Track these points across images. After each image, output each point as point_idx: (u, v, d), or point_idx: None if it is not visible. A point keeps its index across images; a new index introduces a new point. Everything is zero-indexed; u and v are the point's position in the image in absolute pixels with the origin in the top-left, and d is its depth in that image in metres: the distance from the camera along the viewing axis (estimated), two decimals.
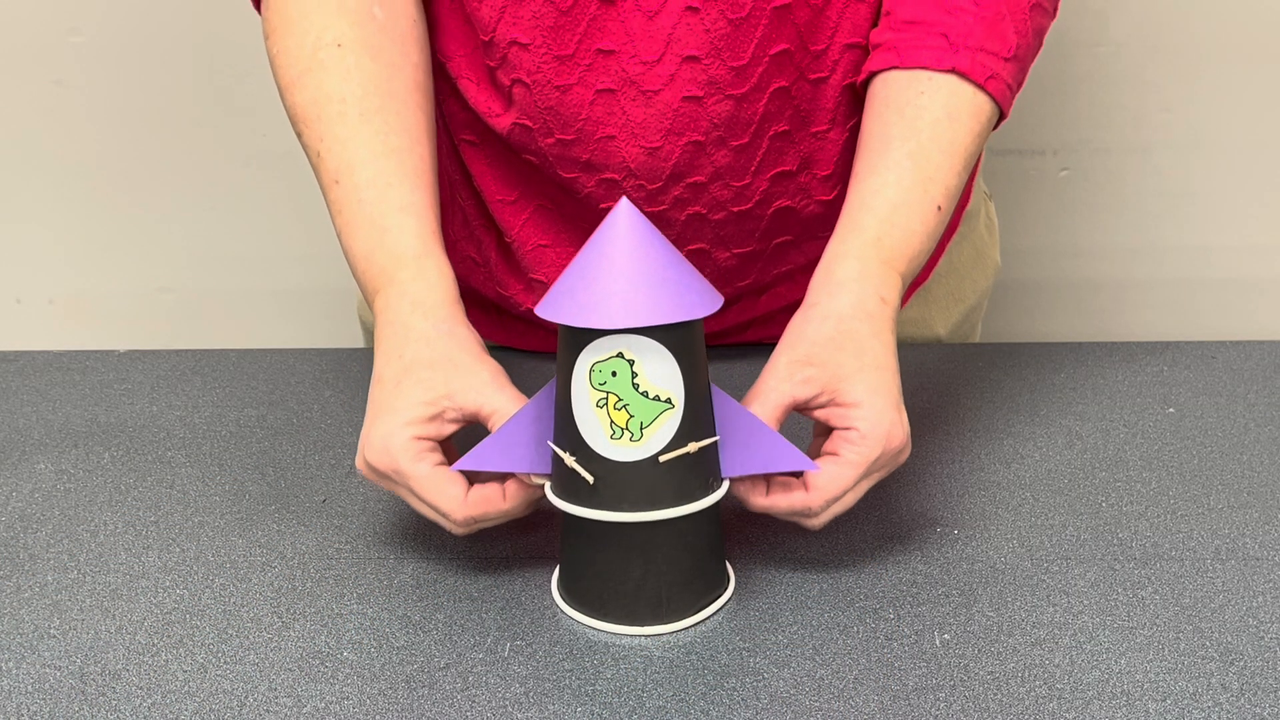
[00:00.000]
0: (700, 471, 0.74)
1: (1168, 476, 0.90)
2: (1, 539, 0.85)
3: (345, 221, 0.84)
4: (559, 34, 0.90)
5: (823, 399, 0.77)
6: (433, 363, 0.77)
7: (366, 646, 0.74)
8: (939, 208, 0.84)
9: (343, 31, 0.86)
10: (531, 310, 1.06)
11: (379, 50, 0.86)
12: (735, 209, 0.97)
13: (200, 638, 0.75)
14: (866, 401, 0.76)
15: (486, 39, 0.91)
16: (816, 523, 0.78)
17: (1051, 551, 0.82)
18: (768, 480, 0.77)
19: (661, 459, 0.72)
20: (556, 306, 0.72)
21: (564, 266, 1.02)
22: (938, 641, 0.74)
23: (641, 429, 0.71)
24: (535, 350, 1.10)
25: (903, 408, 0.78)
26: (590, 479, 0.72)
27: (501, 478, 0.77)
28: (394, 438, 0.76)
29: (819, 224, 1.00)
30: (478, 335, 0.81)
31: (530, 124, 0.94)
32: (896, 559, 0.81)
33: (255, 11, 0.93)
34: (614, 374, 0.71)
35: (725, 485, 0.75)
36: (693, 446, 0.72)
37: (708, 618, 0.76)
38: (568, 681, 0.71)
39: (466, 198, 1.05)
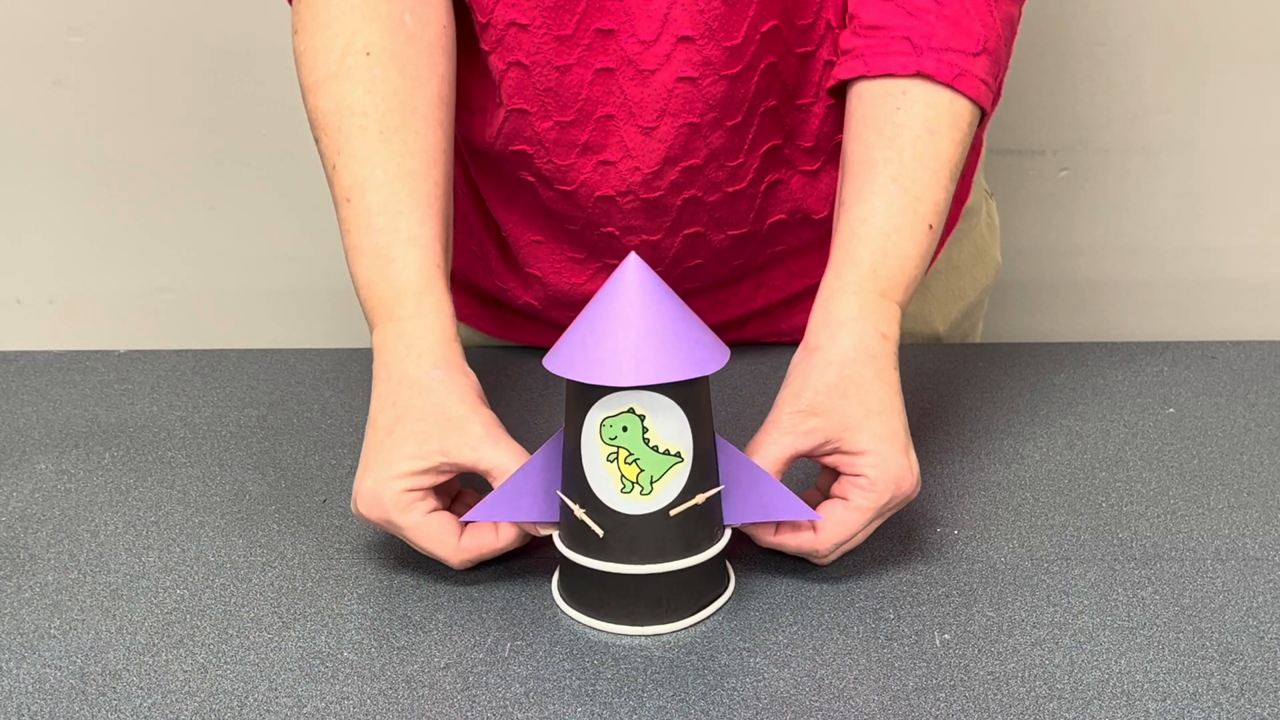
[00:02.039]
0: (707, 522, 0.74)
1: (1168, 476, 0.90)
2: (2, 539, 0.85)
3: (353, 244, 0.84)
4: (559, 14, 0.90)
5: (828, 448, 0.77)
6: (424, 414, 0.78)
7: (366, 646, 0.74)
8: (930, 226, 0.84)
9: (372, 39, 0.86)
10: (531, 304, 1.06)
11: (406, 62, 0.86)
12: (730, 189, 0.97)
13: (200, 638, 0.75)
14: (874, 449, 0.76)
15: (484, 21, 0.91)
16: (824, 561, 0.79)
17: (1051, 551, 0.82)
18: (777, 523, 0.78)
19: (672, 512, 0.72)
20: (567, 361, 0.72)
21: (558, 263, 1.03)
22: (938, 641, 0.74)
23: (651, 483, 0.72)
24: (534, 345, 1.10)
25: (911, 450, 0.78)
26: (600, 532, 0.72)
27: None
28: (384, 491, 0.76)
29: (808, 201, 1.00)
30: (474, 379, 0.81)
31: (527, 107, 0.94)
32: (896, 559, 0.81)
33: (286, 2, 0.93)
34: (624, 429, 0.71)
35: (729, 532, 0.76)
36: (700, 498, 0.73)
37: (708, 618, 0.76)
38: (568, 681, 0.71)
39: (465, 192, 1.05)
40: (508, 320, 1.10)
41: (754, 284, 1.06)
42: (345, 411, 1.00)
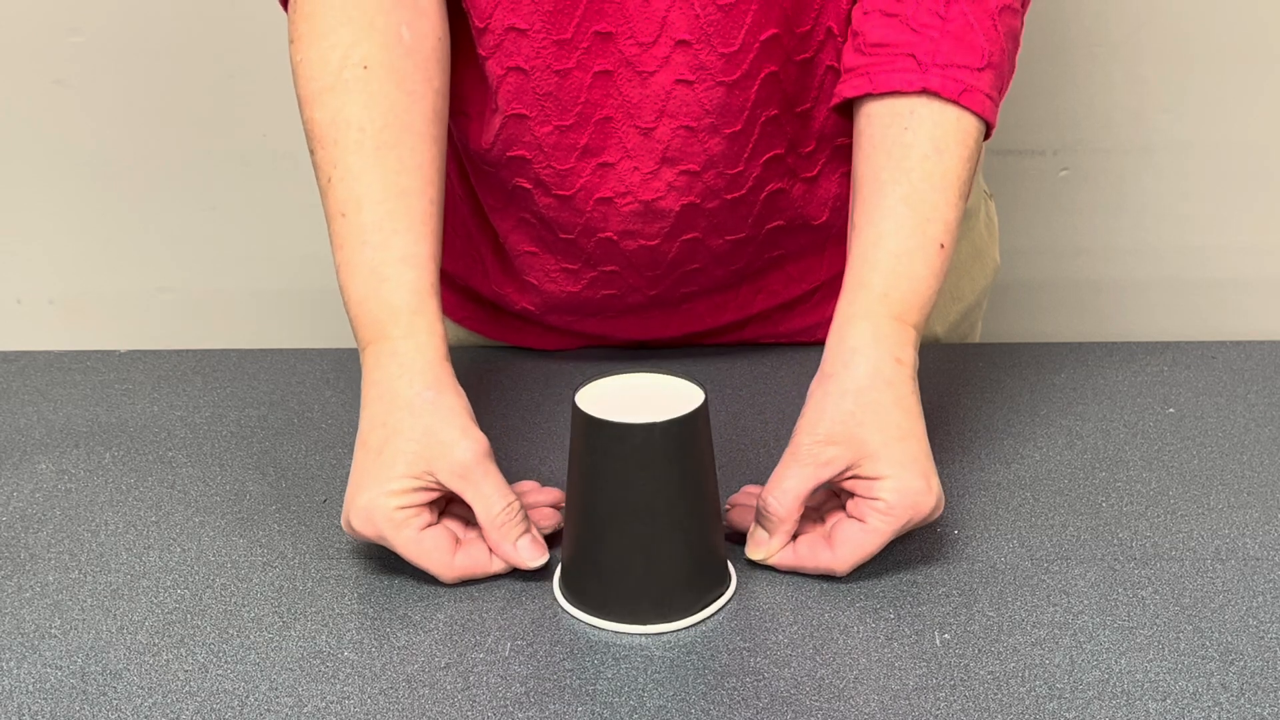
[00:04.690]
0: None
1: (1168, 476, 0.90)
2: (2, 539, 0.85)
3: (345, 259, 0.84)
4: (558, 18, 0.90)
5: (848, 474, 0.78)
6: (414, 435, 0.78)
7: (366, 646, 0.74)
8: (941, 246, 0.83)
9: (370, 52, 0.86)
10: (528, 309, 1.06)
11: (403, 76, 0.86)
12: (729, 196, 0.97)
13: (201, 638, 0.75)
14: (892, 475, 0.76)
15: (482, 26, 0.91)
16: (841, 575, 0.79)
17: (1051, 551, 0.82)
18: (794, 544, 0.79)
19: None
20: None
21: (552, 273, 1.03)
22: (938, 641, 0.74)
23: None
24: (533, 347, 1.10)
25: (933, 474, 0.78)
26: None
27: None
28: (377, 509, 0.77)
29: (808, 208, 1.00)
30: (464, 399, 0.81)
31: (526, 112, 0.94)
32: (896, 559, 0.81)
33: (281, 9, 0.93)
34: None
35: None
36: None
37: (708, 617, 0.76)
38: (568, 681, 0.71)
39: (463, 198, 1.05)
40: (506, 324, 1.10)
41: (752, 288, 1.06)
42: (345, 411, 1.00)
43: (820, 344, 0.83)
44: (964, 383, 1.03)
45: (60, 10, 1.57)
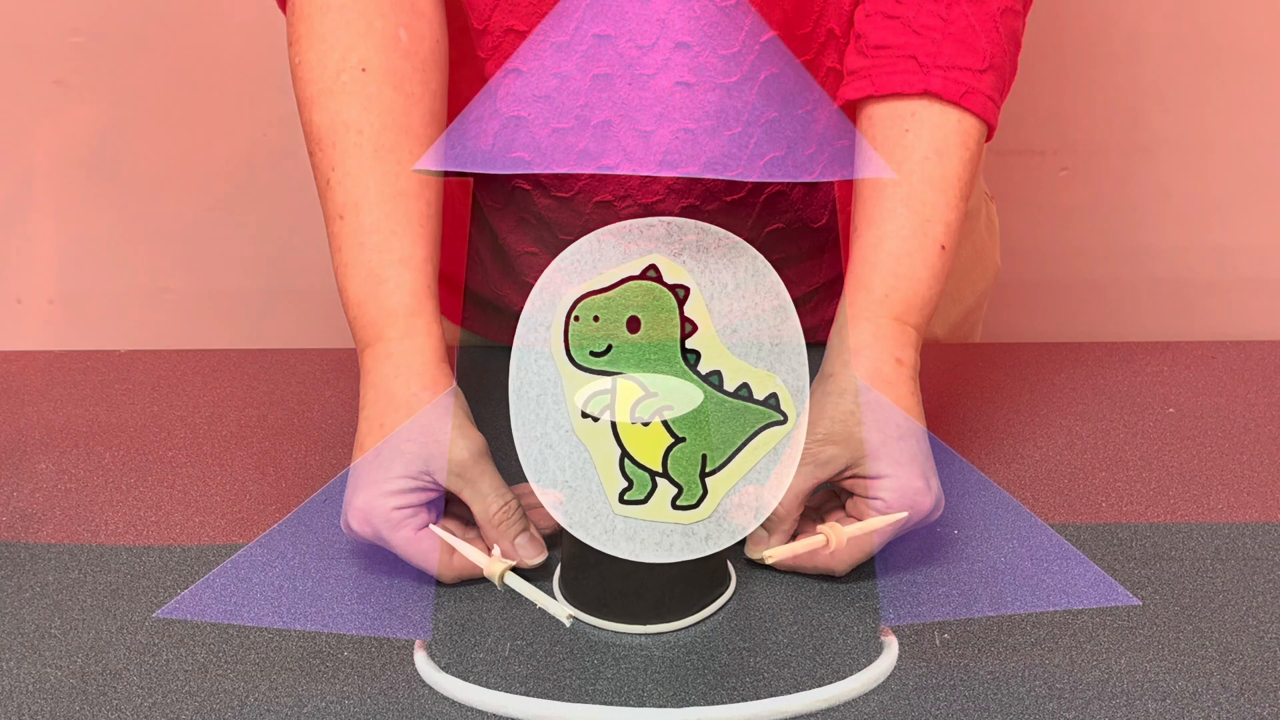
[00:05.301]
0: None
1: (1168, 476, 0.90)
2: (2, 539, 0.85)
3: (344, 261, 0.84)
4: (557, 19, 0.90)
5: (847, 474, 0.78)
6: (412, 435, 0.78)
7: (366, 646, 0.74)
8: (942, 247, 0.84)
9: (368, 55, 0.86)
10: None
11: (402, 78, 0.86)
12: (728, 199, 0.97)
13: (200, 637, 0.75)
14: (891, 474, 0.77)
15: (480, 28, 0.91)
16: (840, 575, 0.79)
17: (1052, 551, 0.82)
18: (794, 543, 0.78)
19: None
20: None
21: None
22: (938, 641, 0.74)
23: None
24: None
25: (932, 474, 0.78)
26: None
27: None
28: (374, 510, 0.77)
29: (807, 210, 1.00)
30: (462, 399, 0.81)
31: (524, 114, 0.94)
32: (897, 559, 0.81)
33: (280, 11, 0.93)
34: None
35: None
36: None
37: (708, 617, 0.76)
38: (568, 681, 0.71)
39: (461, 200, 1.05)
40: (506, 324, 1.10)
41: None
42: (345, 411, 1.00)
43: (821, 345, 0.83)
44: (964, 383, 1.03)
45: (60, 10, 1.57)
